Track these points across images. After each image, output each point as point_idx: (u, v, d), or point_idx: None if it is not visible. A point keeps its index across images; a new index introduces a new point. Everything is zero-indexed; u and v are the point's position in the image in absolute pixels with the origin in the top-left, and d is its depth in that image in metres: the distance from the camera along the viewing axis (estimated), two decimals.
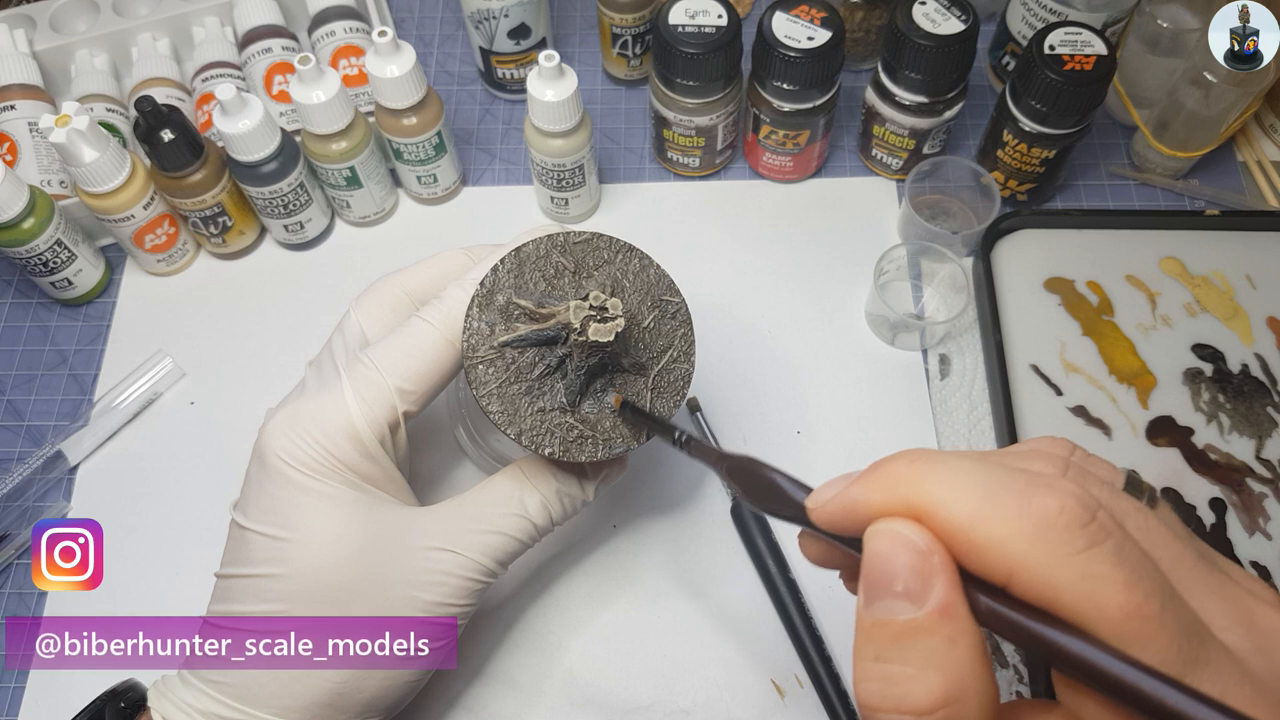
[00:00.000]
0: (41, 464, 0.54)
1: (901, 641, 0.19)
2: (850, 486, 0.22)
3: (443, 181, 0.62)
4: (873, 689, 0.20)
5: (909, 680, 0.19)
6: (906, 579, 0.20)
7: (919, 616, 0.19)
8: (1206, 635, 0.19)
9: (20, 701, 0.49)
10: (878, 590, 0.20)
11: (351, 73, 0.62)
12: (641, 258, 0.40)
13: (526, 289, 0.38)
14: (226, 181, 0.57)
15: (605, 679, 0.49)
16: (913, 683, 0.19)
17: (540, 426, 0.37)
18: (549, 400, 0.37)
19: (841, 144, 0.66)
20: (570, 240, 0.39)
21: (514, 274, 0.38)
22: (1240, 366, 0.54)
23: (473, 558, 0.37)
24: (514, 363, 0.37)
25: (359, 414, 0.36)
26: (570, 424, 0.37)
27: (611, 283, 0.39)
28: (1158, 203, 0.63)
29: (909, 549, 0.20)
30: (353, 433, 0.36)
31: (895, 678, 0.19)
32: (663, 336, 0.40)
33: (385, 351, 0.37)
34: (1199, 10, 0.59)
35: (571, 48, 0.71)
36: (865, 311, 0.59)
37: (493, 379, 0.37)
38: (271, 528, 0.35)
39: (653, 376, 0.39)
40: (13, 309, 0.61)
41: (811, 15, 0.55)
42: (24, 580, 0.52)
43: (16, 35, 0.63)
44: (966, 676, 0.19)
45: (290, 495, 0.35)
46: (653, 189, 0.65)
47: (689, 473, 0.54)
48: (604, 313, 0.36)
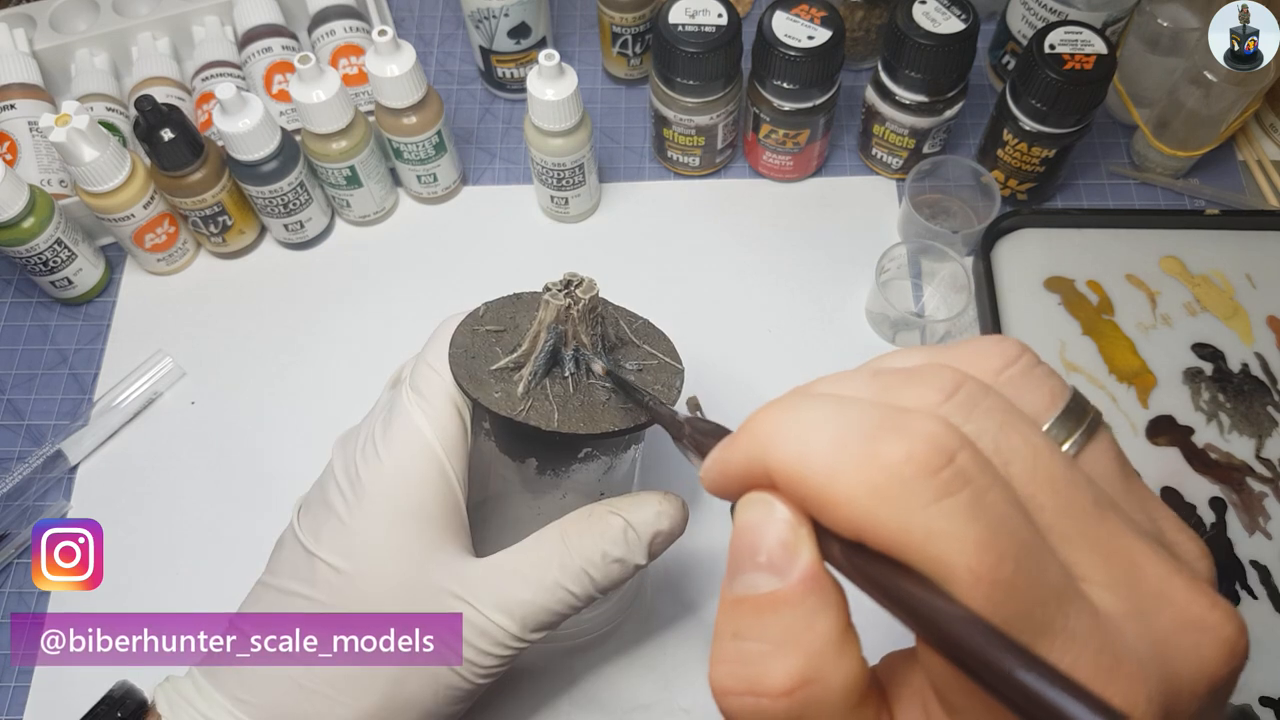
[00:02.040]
0: (41, 463, 0.54)
1: (762, 616, 0.18)
2: (721, 449, 0.20)
3: (443, 181, 0.62)
4: (725, 671, 0.18)
5: (765, 659, 0.18)
6: (770, 550, 0.18)
7: (781, 588, 0.18)
8: (1069, 598, 0.17)
9: (25, 700, 0.49)
10: (741, 563, 0.19)
11: (351, 72, 0.62)
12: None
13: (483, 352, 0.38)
14: (226, 181, 0.57)
15: (605, 679, 0.49)
16: (768, 661, 0.18)
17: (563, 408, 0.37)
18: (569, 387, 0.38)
19: (841, 143, 0.66)
20: (488, 309, 0.39)
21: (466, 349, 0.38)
22: (1240, 366, 0.54)
23: (508, 628, 0.36)
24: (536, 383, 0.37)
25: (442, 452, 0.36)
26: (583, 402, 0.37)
27: None
28: (1158, 202, 0.63)
29: (773, 519, 0.18)
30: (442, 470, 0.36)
31: (750, 656, 0.18)
32: (637, 342, 0.40)
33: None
34: (1199, 10, 0.59)
35: (571, 47, 0.71)
36: (866, 310, 0.59)
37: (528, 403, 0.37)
38: (338, 558, 0.36)
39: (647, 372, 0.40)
40: (13, 308, 0.61)
41: (811, 14, 0.55)
42: (24, 579, 0.52)
43: (16, 34, 0.63)
44: (827, 653, 0.18)
45: (364, 529, 0.36)
46: (652, 188, 0.65)
47: (689, 472, 0.54)
48: (572, 286, 0.36)
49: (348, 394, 0.55)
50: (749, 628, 0.18)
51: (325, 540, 0.36)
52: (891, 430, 0.17)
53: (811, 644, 0.18)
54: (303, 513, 0.38)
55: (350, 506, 0.36)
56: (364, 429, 0.38)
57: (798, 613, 0.18)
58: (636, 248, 0.62)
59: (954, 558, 0.16)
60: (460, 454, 0.37)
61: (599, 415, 0.37)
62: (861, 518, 0.17)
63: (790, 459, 0.18)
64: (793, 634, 0.18)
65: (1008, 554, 0.16)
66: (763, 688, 0.18)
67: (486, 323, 0.39)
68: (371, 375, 0.46)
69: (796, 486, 0.18)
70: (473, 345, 0.38)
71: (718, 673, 0.18)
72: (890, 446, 0.17)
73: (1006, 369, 0.21)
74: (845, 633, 0.18)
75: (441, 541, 0.36)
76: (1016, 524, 0.17)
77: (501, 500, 0.42)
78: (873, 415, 0.17)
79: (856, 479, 0.17)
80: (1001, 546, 0.16)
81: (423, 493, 0.36)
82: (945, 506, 0.16)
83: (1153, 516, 0.20)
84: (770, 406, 0.19)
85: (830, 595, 0.18)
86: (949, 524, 0.16)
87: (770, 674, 0.18)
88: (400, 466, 0.36)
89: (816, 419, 0.18)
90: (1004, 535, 0.16)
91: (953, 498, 0.16)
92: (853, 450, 0.17)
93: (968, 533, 0.16)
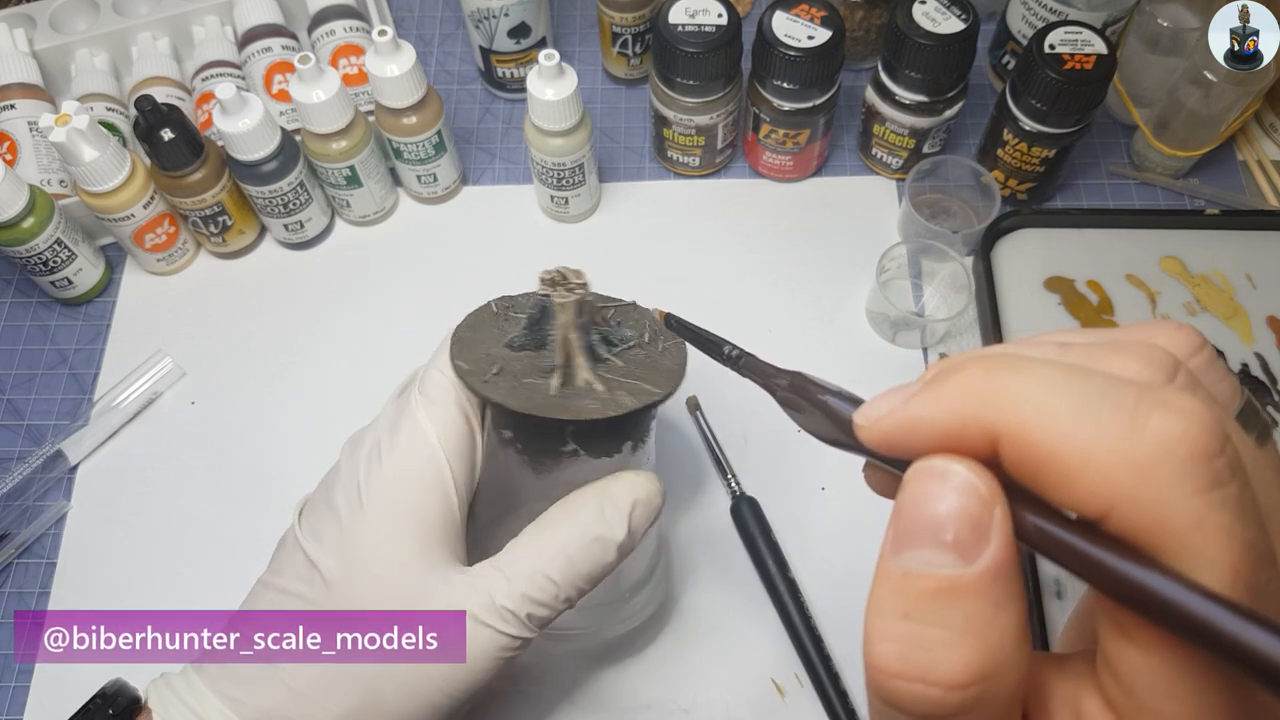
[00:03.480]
0: (41, 463, 0.54)
1: (941, 600, 0.16)
2: (910, 400, 0.18)
3: (443, 181, 0.62)
4: (893, 651, 0.16)
5: (942, 647, 0.16)
6: (959, 529, 0.16)
7: (967, 574, 0.16)
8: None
9: (25, 700, 0.49)
10: (918, 537, 0.17)
11: (351, 72, 0.62)
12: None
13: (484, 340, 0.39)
14: (226, 181, 0.57)
15: (605, 679, 0.49)
16: (946, 650, 0.16)
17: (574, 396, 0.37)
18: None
19: (841, 143, 0.66)
20: (494, 306, 0.41)
21: (466, 343, 0.39)
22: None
23: (498, 627, 0.35)
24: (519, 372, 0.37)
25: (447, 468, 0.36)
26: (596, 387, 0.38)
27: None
28: (1158, 202, 0.63)
29: (969, 493, 0.16)
30: (442, 476, 0.36)
31: (925, 641, 0.16)
32: (633, 326, 0.41)
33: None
34: (1199, 10, 0.59)
35: (571, 47, 0.71)
36: (866, 309, 0.59)
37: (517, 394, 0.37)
38: (335, 560, 0.36)
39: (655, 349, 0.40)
40: (13, 308, 0.61)
41: (811, 14, 0.55)
42: (24, 578, 0.52)
43: (16, 34, 0.63)
44: (1008, 649, 0.16)
45: (362, 532, 0.35)
46: (652, 188, 0.65)
47: (689, 472, 0.54)
48: (568, 279, 0.37)
49: (348, 394, 0.55)
50: (925, 611, 0.16)
51: (325, 542, 0.36)
52: (1161, 405, 0.15)
53: (993, 638, 0.16)
54: (305, 513, 0.38)
55: (352, 509, 0.36)
56: (371, 432, 0.39)
57: (983, 603, 0.16)
58: (636, 248, 0.62)
59: (1220, 553, 0.15)
60: (463, 459, 0.37)
61: (646, 382, 0.38)
62: (1120, 493, 0.15)
63: (1028, 421, 0.16)
64: (976, 625, 0.16)
65: (1265, 558, 0.15)
66: (936, 677, 0.16)
67: (481, 336, 0.39)
68: (371, 375, 0.46)
69: (1033, 451, 0.16)
70: (480, 358, 0.38)
71: (883, 651, 0.17)
72: (1163, 421, 0.15)
73: (1193, 358, 0.19)
74: (1024, 629, 0.17)
75: (435, 547, 0.36)
76: (1263, 528, 0.16)
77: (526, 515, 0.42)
78: (1127, 386, 0.16)
79: (1119, 451, 0.15)
80: (1261, 549, 0.15)
81: (421, 497, 0.36)
82: (1216, 498, 0.15)
83: None
84: (987, 361, 0.17)
85: (1016, 586, 0.16)
86: (1220, 516, 0.15)
87: (947, 664, 0.16)
88: (401, 471, 0.36)
89: (1057, 378, 0.16)
90: (1262, 538, 0.15)
91: (1223, 489, 0.15)
92: (1110, 419, 0.15)
93: (1236, 529, 0.15)
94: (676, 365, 0.40)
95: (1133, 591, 0.15)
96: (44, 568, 0.53)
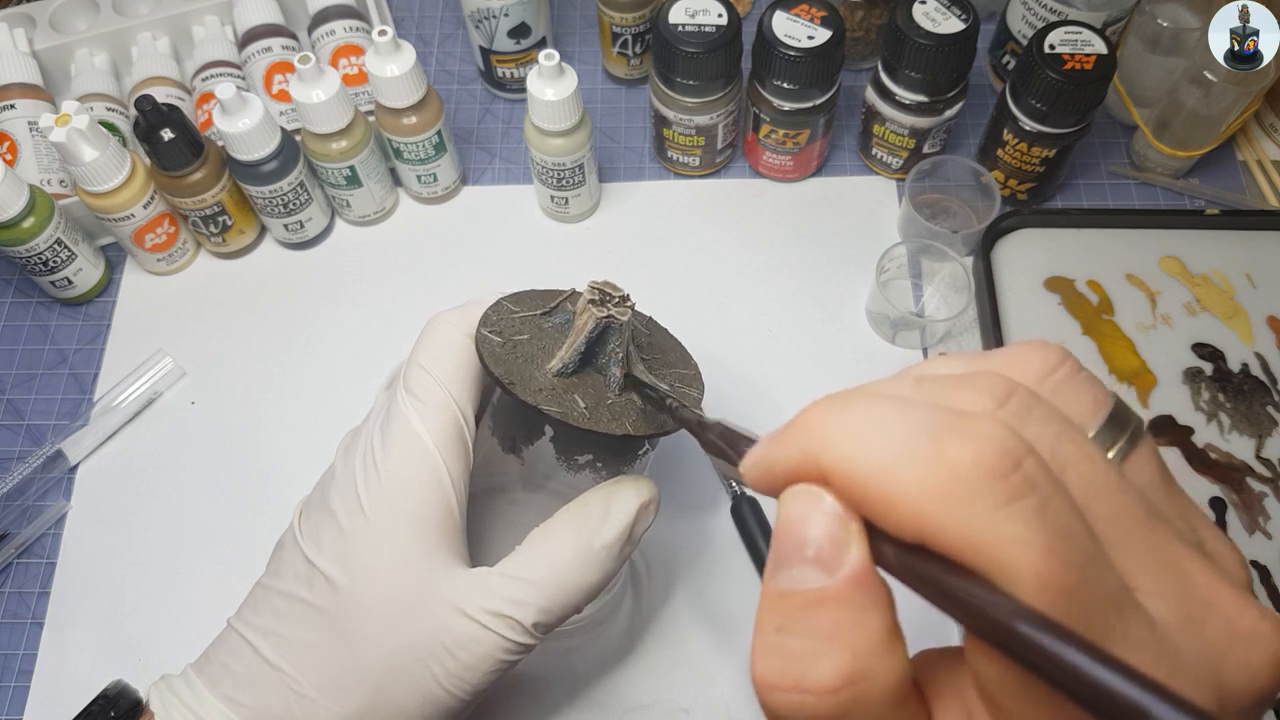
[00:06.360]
0: (41, 463, 0.54)
1: (809, 611, 0.18)
2: (769, 443, 0.20)
3: (443, 181, 0.62)
4: (771, 665, 0.18)
5: (811, 655, 0.17)
6: (820, 544, 0.18)
7: (830, 585, 0.18)
8: (1126, 606, 0.17)
9: (25, 700, 0.49)
10: (787, 557, 0.18)
11: (351, 72, 0.62)
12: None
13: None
14: (226, 181, 0.57)
15: (605, 678, 0.49)
16: (815, 658, 0.17)
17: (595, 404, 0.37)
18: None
19: (841, 143, 0.66)
20: (516, 301, 0.40)
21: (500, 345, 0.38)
22: (1240, 366, 0.54)
23: (503, 632, 0.35)
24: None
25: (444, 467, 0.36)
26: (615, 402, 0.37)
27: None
28: (1158, 202, 0.63)
29: (824, 512, 0.18)
30: (439, 476, 0.36)
31: (797, 652, 0.18)
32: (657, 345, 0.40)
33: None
34: (1199, 10, 0.59)
35: (571, 47, 0.71)
36: (866, 309, 0.59)
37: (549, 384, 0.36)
38: (337, 564, 0.35)
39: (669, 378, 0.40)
40: (13, 308, 0.61)
41: (811, 14, 0.55)
42: (24, 579, 0.52)
43: (16, 34, 0.63)
44: (875, 652, 0.17)
45: (362, 537, 0.35)
46: (652, 188, 0.65)
47: (689, 472, 0.54)
48: (609, 300, 0.36)
49: (347, 394, 0.55)
50: (795, 623, 0.18)
51: (325, 546, 0.36)
52: (957, 433, 0.17)
53: (860, 642, 0.17)
54: (304, 516, 0.38)
55: (350, 512, 0.36)
56: (364, 433, 0.38)
57: (846, 610, 0.17)
58: (636, 248, 0.62)
59: (1021, 563, 0.16)
60: (458, 458, 0.37)
61: (623, 419, 0.37)
62: (925, 519, 0.17)
63: (848, 457, 0.18)
64: (841, 631, 0.17)
65: (1073, 561, 0.16)
66: (809, 684, 0.17)
67: (510, 321, 0.39)
68: (371, 375, 0.46)
69: (854, 485, 0.18)
70: (504, 347, 0.37)
71: (762, 666, 0.18)
72: (956, 449, 0.17)
73: (1050, 375, 0.21)
74: (892, 631, 0.18)
75: (437, 549, 0.36)
76: (1079, 532, 0.17)
77: (506, 505, 0.42)
78: (935, 417, 0.17)
79: (921, 480, 0.17)
80: (1067, 553, 0.16)
81: (420, 499, 0.36)
82: (1012, 511, 0.16)
83: (1194, 526, 0.20)
84: (824, 403, 0.19)
85: (879, 593, 0.18)
86: (1016, 529, 0.16)
87: (817, 671, 0.17)
88: (398, 473, 0.36)
89: (874, 418, 0.18)
90: (1069, 542, 0.16)
91: (1020, 503, 0.16)
92: (916, 451, 0.17)
93: (1035, 538, 0.16)
94: (692, 372, 0.39)
95: (946, 605, 0.17)
96: (44, 568, 0.53)
